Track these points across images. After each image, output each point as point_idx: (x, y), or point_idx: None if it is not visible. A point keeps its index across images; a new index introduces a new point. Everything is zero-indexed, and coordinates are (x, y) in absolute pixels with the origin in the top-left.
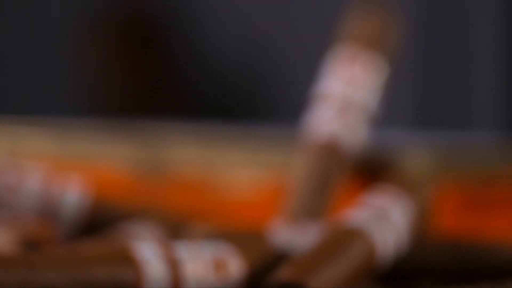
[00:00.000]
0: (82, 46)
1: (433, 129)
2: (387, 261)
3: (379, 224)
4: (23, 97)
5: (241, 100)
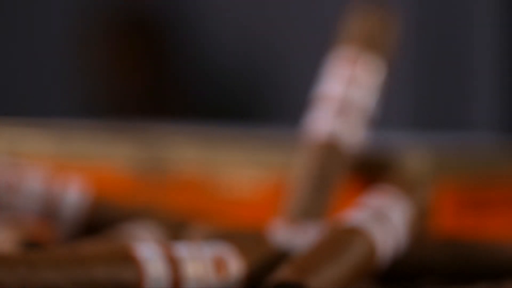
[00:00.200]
0: (82, 46)
1: (433, 130)
2: (386, 262)
3: (378, 224)
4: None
5: (241, 100)
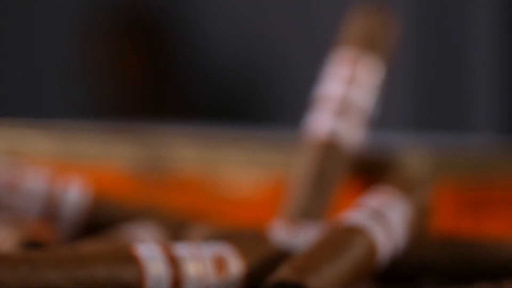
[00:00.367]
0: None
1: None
2: (386, 262)
3: (378, 224)
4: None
5: (242, 101)
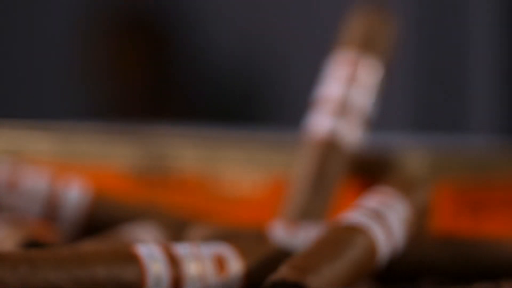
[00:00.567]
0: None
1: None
2: (385, 262)
3: (378, 224)
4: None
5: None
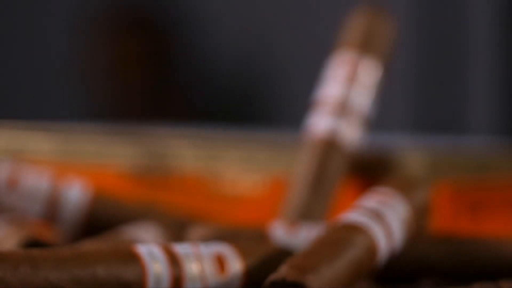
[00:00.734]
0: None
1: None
2: (384, 262)
3: (377, 224)
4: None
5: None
